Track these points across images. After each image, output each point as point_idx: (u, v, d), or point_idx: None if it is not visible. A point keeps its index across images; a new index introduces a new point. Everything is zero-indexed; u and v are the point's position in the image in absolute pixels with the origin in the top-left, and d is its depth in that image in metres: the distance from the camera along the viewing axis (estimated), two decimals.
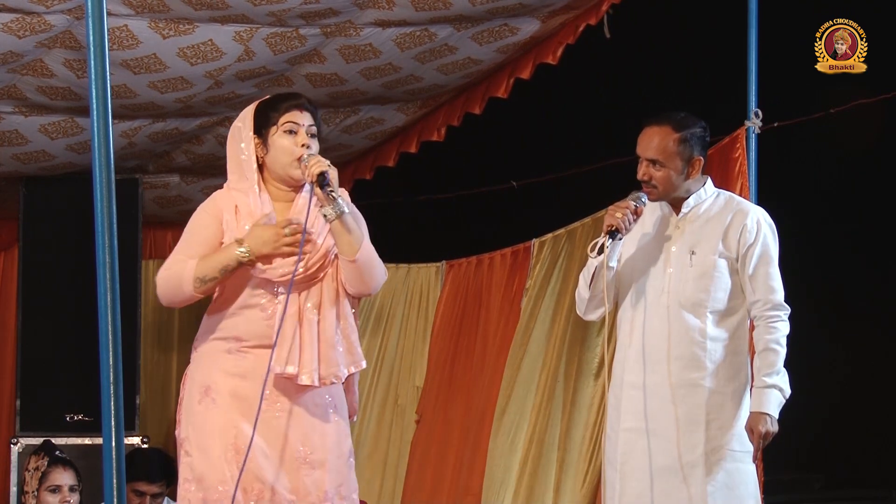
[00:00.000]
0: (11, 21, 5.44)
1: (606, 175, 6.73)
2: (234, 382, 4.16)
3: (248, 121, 4.28)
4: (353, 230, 4.13)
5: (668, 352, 4.59)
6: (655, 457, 4.57)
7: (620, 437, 4.63)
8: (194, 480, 4.14)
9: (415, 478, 7.01)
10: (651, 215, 4.73)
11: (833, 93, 5.95)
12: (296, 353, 4.13)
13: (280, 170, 4.21)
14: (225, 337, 4.20)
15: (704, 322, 4.59)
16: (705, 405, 4.56)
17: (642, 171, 4.64)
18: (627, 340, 4.68)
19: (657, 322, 4.61)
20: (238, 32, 5.74)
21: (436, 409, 7.00)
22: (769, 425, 4.52)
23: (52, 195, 6.92)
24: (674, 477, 4.55)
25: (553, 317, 6.56)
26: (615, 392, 4.71)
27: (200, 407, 4.18)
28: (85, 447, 6.58)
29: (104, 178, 4.05)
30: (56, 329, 6.83)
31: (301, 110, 4.23)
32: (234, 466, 4.11)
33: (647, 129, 4.69)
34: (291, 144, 4.20)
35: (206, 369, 4.22)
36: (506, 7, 5.81)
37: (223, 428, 4.13)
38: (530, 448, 6.48)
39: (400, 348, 7.25)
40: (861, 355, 7.85)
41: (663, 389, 4.58)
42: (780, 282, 4.65)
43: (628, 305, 4.69)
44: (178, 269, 4.15)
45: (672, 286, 4.61)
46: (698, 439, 4.55)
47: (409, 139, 7.02)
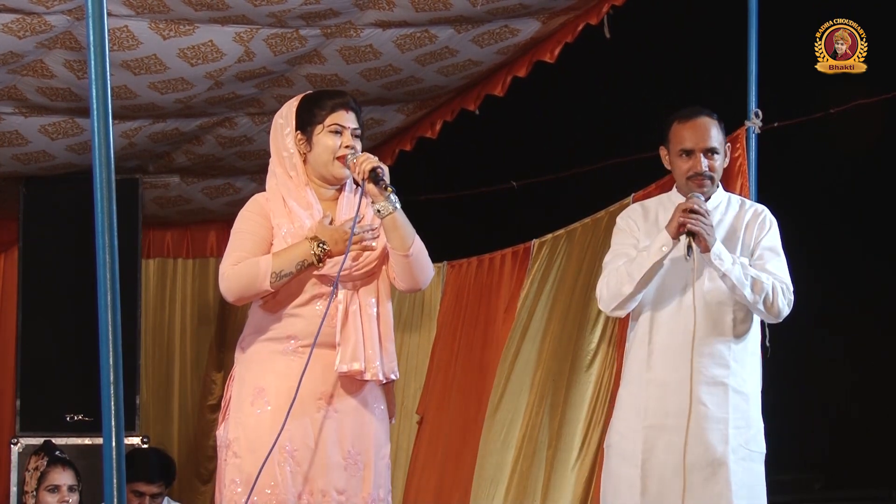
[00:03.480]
0: (12, 21, 5.44)
1: (606, 175, 6.73)
2: (288, 384, 4.13)
3: (290, 117, 4.27)
4: (406, 225, 4.19)
5: (693, 349, 4.58)
6: (679, 454, 4.56)
7: (642, 434, 4.62)
8: (243, 482, 4.11)
9: (417, 478, 7.01)
10: (665, 215, 4.71)
11: (833, 93, 5.94)
12: (360, 349, 4.14)
13: (322, 167, 4.23)
14: (278, 337, 4.18)
15: (730, 320, 4.60)
16: (729, 403, 4.57)
17: (706, 164, 4.64)
18: (648, 338, 4.67)
19: (682, 320, 4.61)
20: (238, 33, 5.74)
21: (439, 409, 7.01)
22: (697, 225, 4.45)
23: (52, 195, 6.92)
24: (698, 474, 4.57)
25: (549, 316, 6.56)
26: (632, 389, 4.70)
27: (253, 409, 4.15)
28: (85, 447, 6.58)
29: (104, 178, 4.05)
30: (56, 329, 6.83)
31: (347, 110, 4.25)
32: (285, 469, 4.11)
33: (696, 119, 4.68)
34: (336, 144, 4.22)
35: (257, 371, 4.19)
36: (506, 7, 5.81)
37: (276, 430, 4.10)
38: (522, 445, 6.49)
39: (405, 350, 7.25)
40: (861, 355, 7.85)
41: (688, 387, 4.57)
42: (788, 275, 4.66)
43: (648, 303, 4.68)
44: (251, 264, 4.11)
45: (697, 284, 4.61)
46: (722, 437, 4.56)
47: (406, 138, 7.03)
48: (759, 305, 4.56)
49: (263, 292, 4.13)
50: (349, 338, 4.15)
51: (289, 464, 4.11)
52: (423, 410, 7.06)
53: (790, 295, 4.63)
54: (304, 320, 4.17)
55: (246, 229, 4.22)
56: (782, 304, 4.60)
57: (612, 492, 4.71)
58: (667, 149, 4.78)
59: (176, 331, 7.90)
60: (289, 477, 4.11)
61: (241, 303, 4.23)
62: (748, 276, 4.55)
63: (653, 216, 4.80)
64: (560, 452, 6.34)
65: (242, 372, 4.24)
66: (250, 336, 4.24)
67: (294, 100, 4.32)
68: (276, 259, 4.11)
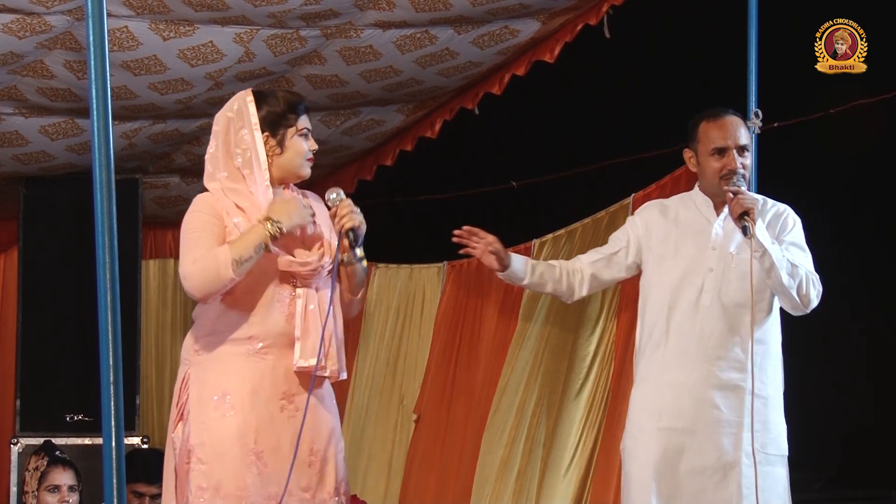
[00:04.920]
0: (12, 22, 5.44)
1: (606, 175, 6.73)
2: (252, 386, 4.13)
3: (247, 116, 4.24)
4: (361, 276, 4.28)
5: (710, 352, 4.55)
6: (694, 456, 4.55)
7: (656, 436, 4.58)
8: (210, 489, 4.09)
9: (415, 478, 7.02)
10: (686, 214, 4.70)
11: (833, 93, 5.94)
12: (319, 345, 4.14)
13: (293, 170, 4.25)
14: (239, 338, 4.16)
15: (748, 323, 4.54)
16: (746, 407, 4.52)
17: (739, 162, 4.60)
18: (663, 340, 4.63)
19: (699, 322, 4.58)
20: (238, 34, 5.74)
21: (438, 409, 7.01)
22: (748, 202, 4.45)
23: (52, 195, 6.92)
24: (711, 477, 4.54)
25: (548, 316, 6.56)
26: (645, 392, 4.67)
27: (216, 413, 4.12)
28: (85, 447, 6.58)
29: (104, 178, 4.05)
30: (56, 329, 6.83)
31: (307, 112, 4.30)
32: (254, 471, 4.09)
33: (726, 118, 4.67)
34: (306, 148, 4.26)
35: (218, 373, 4.15)
36: (506, 7, 5.81)
37: (243, 433, 4.10)
38: (519, 445, 6.49)
39: (403, 349, 7.26)
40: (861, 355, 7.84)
41: (705, 390, 4.55)
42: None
43: (662, 304, 4.65)
44: (209, 258, 4.08)
45: (714, 286, 4.58)
46: (738, 441, 4.52)
47: (407, 138, 7.03)
48: (793, 291, 4.50)
49: (228, 281, 4.07)
50: (309, 334, 4.14)
51: (256, 465, 4.10)
52: (420, 409, 7.07)
53: (820, 286, 4.59)
54: (263, 320, 4.15)
55: (199, 228, 4.18)
56: (814, 294, 4.56)
57: (628, 495, 4.68)
58: (693, 150, 4.73)
59: (176, 331, 7.90)
60: (257, 479, 4.09)
61: (208, 299, 4.15)
62: (786, 258, 4.51)
63: (672, 214, 4.76)
64: (555, 451, 6.35)
65: (201, 374, 4.17)
66: (206, 338, 4.18)
67: (243, 96, 4.27)
68: (233, 247, 4.08)
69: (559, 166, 7.14)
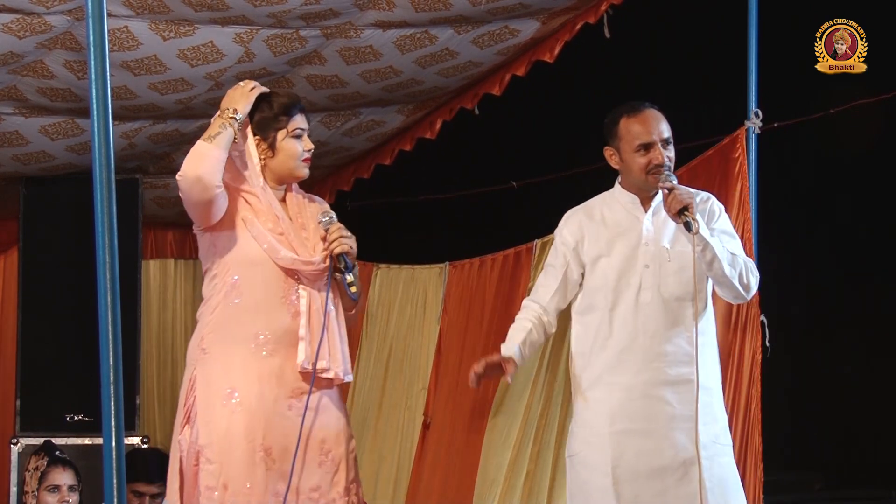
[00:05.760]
0: (12, 22, 5.44)
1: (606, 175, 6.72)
2: (259, 384, 4.12)
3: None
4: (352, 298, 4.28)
5: (656, 349, 4.49)
6: (651, 457, 4.48)
7: (610, 440, 4.49)
8: (218, 487, 4.08)
9: (423, 478, 7.00)
10: (612, 214, 4.63)
11: (833, 93, 5.94)
12: (325, 347, 4.15)
13: (287, 171, 4.26)
14: (244, 337, 4.15)
15: (690, 315, 4.48)
16: (697, 400, 4.45)
17: (666, 155, 4.53)
18: (608, 341, 4.55)
19: (641, 320, 4.50)
20: (238, 34, 5.74)
21: (444, 410, 7.00)
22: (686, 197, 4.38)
23: (52, 195, 6.92)
24: (671, 476, 4.47)
25: None
26: (595, 395, 4.56)
27: (224, 411, 4.11)
28: (85, 447, 6.58)
29: (104, 178, 4.06)
30: (56, 329, 6.83)
31: (302, 113, 4.28)
32: (263, 468, 4.09)
33: (646, 112, 4.59)
34: (300, 149, 4.25)
35: (225, 372, 4.14)
36: (506, 7, 5.81)
37: (251, 431, 4.09)
38: (527, 448, 6.48)
39: (408, 350, 7.25)
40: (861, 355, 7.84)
41: (655, 388, 4.48)
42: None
43: (600, 306, 4.57)
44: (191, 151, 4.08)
45: (653, 282, 4.51)
46: (692, 436, 4.46)
47: (406, 138, 7.04)
48: (735, 281, 4.44)
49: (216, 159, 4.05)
50: (313, 337, 4.15)
51: (265, 462, 4.10)
52: (431, 413, 7.04)
53: (757, 273, 4.53)
54: (268, 319, 4.15)
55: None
56: (753, 281, 4.50)
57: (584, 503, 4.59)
58: (615, 147, 4.63)
59: (176, 331, 7.90)
60: (265, 476, 4.09)
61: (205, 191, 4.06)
62: (726, 249, 4.46)
63: (598, 215, 4.66)
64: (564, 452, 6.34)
65: (207, 373, 4.16)
66: (211, 335, 4.18)
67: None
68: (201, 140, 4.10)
69: (559, 166, 7.13)
